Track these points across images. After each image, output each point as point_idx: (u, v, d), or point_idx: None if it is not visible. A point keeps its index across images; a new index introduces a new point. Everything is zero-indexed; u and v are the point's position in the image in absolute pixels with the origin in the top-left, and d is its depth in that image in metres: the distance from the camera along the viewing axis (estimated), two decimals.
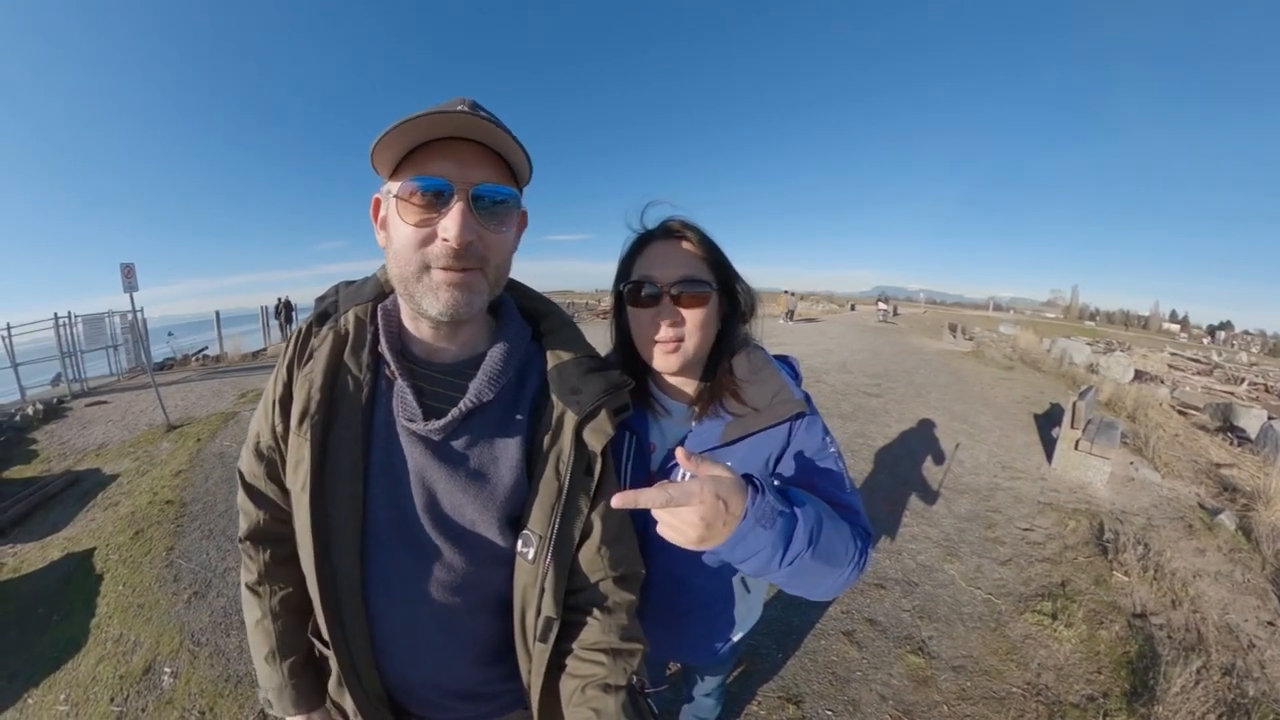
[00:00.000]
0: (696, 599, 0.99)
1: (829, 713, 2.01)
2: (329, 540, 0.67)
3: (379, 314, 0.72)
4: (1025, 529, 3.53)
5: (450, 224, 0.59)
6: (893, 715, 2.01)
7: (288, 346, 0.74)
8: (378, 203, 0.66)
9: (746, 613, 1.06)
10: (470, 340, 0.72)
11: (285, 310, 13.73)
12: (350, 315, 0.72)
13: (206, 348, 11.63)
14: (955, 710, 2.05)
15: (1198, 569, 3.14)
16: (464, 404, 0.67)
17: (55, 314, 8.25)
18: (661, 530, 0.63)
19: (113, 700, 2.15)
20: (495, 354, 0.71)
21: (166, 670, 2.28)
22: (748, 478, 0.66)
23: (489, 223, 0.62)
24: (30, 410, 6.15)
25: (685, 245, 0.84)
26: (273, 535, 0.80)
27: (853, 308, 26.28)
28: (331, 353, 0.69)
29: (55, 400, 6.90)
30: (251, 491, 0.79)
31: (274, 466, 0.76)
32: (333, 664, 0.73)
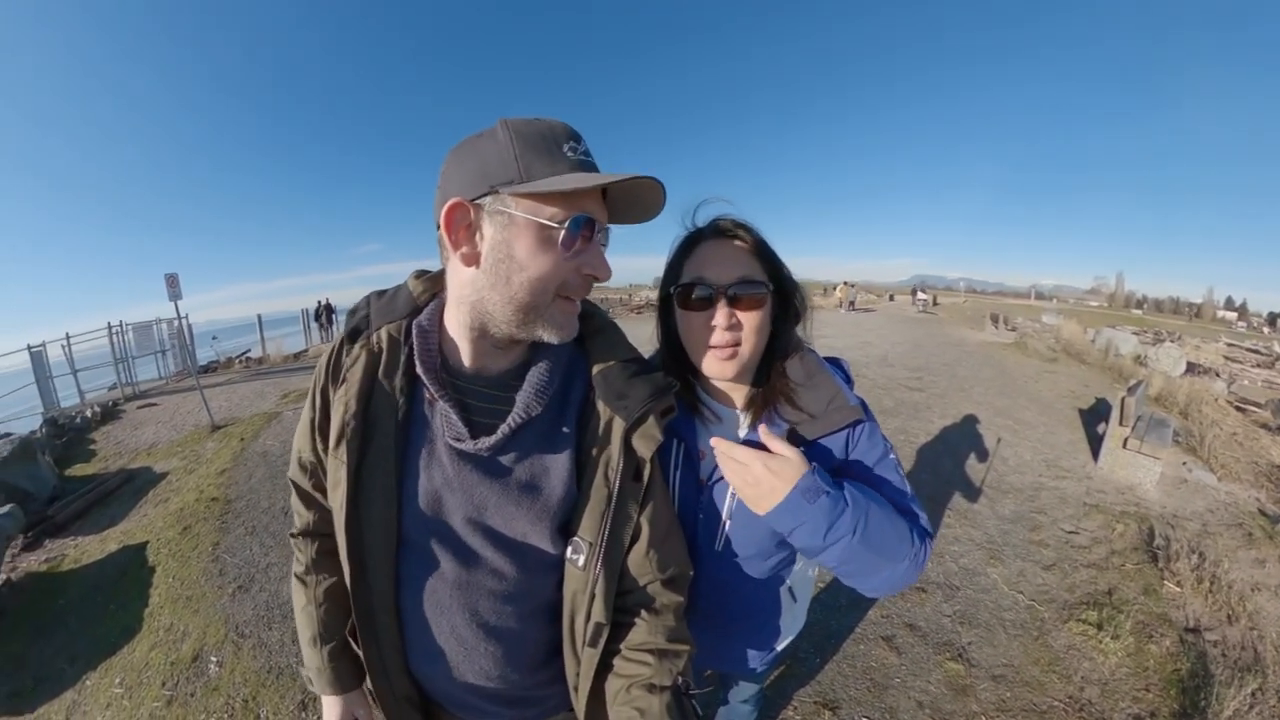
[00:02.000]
0: (744, 608, 0.98)
1: (866, 719, 1.96)
2: (364, 559, 0.69)
3: (414, 331, 0.70)
4: (1070, 531, 3.37)
5: (602, 262, 0.63)
6: None
7: (322, 366, 0.74)
8: (461, 208, 0.59)
9: (792, 622, 1.05)
10: (519, 351, 0.72)
11: (326, 312, 14.25)
12: (383, 333, 0.71)
13: (249, 350, 12.12)
14: None
15: (1257, 581, 2.92)
16: (513, 419, 0.67)
17: (108, 323, 8.81)
18: (726, 475, 0.76)
19: (163, 685, 2.27)
20: (541, 365, 0.70)
21: (213, 659, 2.39)
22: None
23: None
24: (89, 413, 6.55)
25: (739, 245, 0.81)
26: (321, 532, 0.84)
27: (891, 298, 25.61)
28: (365, 374, 0.69)
29: (111, 403, 7.33)
30: (302, 496, 0.84)
31: (318, 478, 0.79)
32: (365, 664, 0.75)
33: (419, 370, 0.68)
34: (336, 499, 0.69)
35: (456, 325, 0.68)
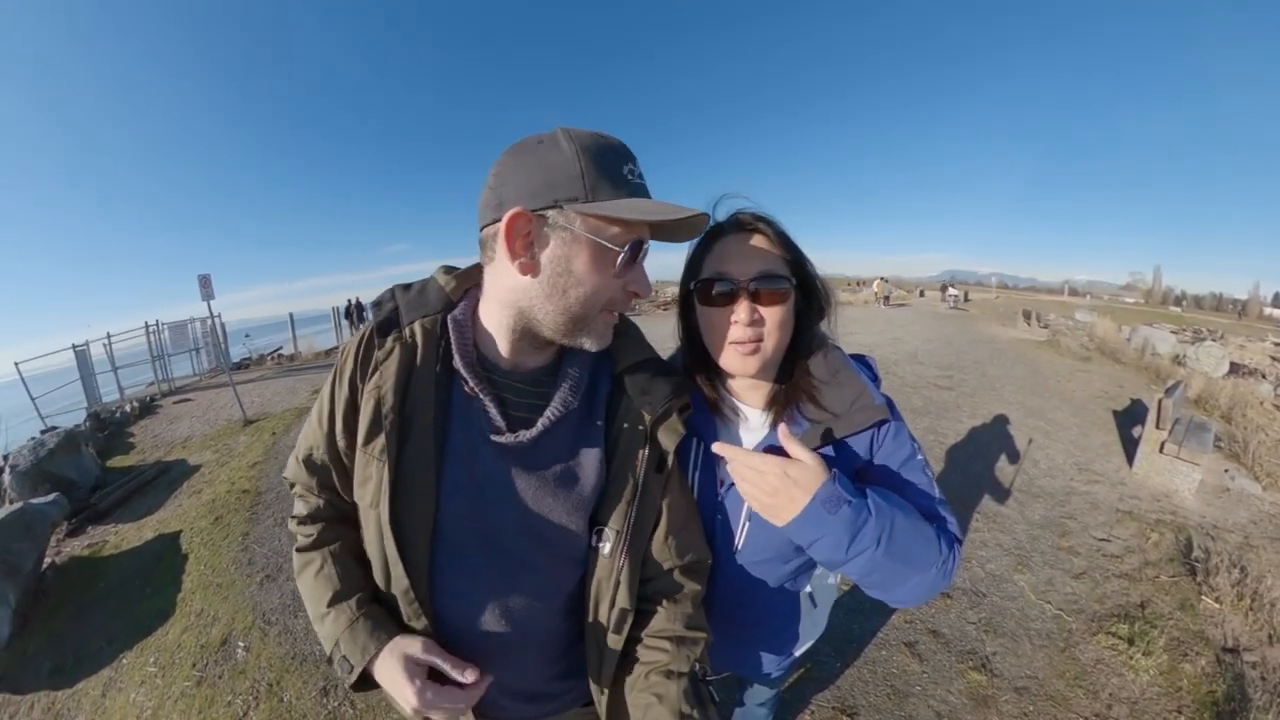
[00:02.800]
0: (763, 613, 0.96)
1: None
2: (403, 556, 0.66)
3: (450, 326, 0.71)
4: (1102, 539, 3.24)
5: (645, 281, 0.67)
6: None
7: (348, 358, 0.71)
8: (525, 220, 0.59)
9: (811, 628, 1.03)
10: (554, 349, 0.74)
11: (357, 311, 14.58)
12: (417, 327, 0.70)
13: (281, 347, 12.50)
14: None
15: None
16: (551, 413, 0.69)
17: (145, 323, 9.24)
18: (739, 487, 0.72)
19: (194, 666, 2.37)
20: (574, 363, 0.73)
21: (240, 644, 2.48)
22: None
23: None
24: (128, 407, 6.88)
25: (760, 239, 0.78)
26: (327, 516, 0.78)
27: (921, 294, 25.01)
28: (400, 367, 0.67)
29: (148, 399, 7.66)
30: (304, 497, 0.79)
31: (327, 476, 0.75)
32: None
33: (457, 364, 0.69)
34: (368, 493, 0.67)
35: (496, 324, 0.69)
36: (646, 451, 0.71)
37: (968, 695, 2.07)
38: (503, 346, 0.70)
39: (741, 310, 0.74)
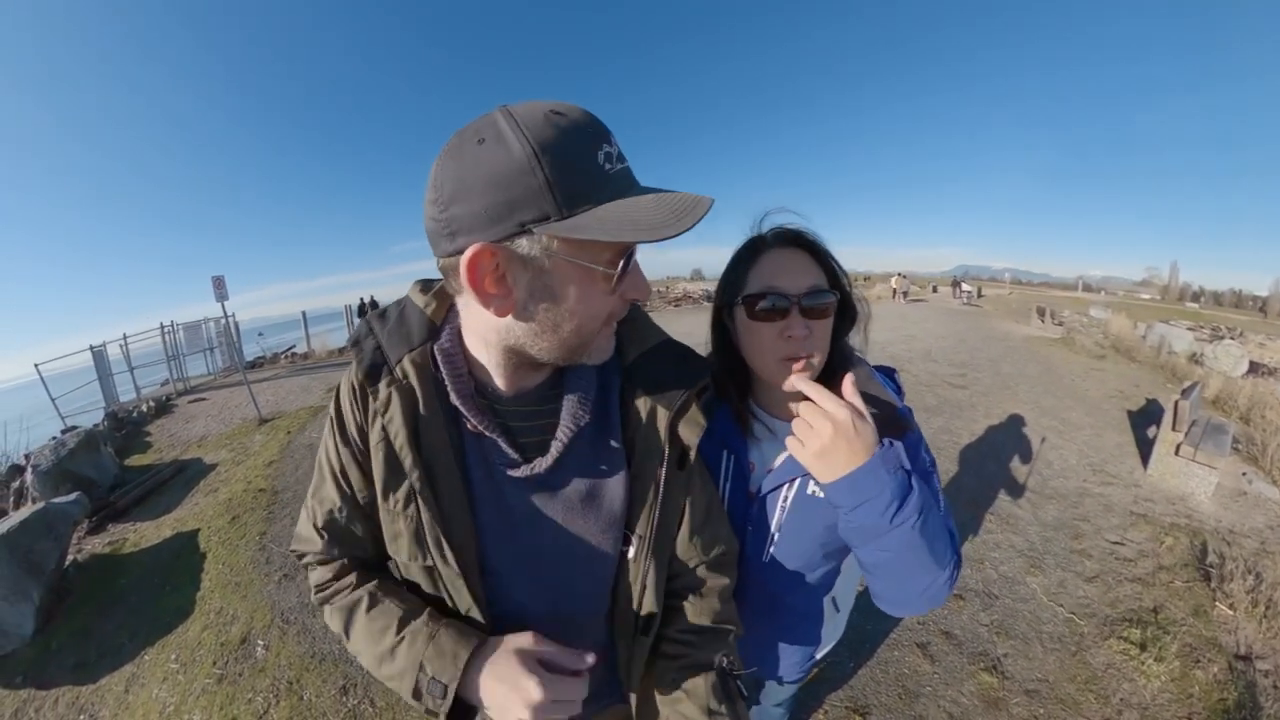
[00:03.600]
0: (788, 618, 0.99)
1: None
2: (467, 584, 0.65)
3: (439, 358, 0.63)
4: (1115, 542, 3.21)
5: (644, 284, 0.58)
6: None
7: (345, 414, 0.66)
8: (489, 257, 0.49)
9: (832, 631, 1.05)
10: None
11: (371, 308, 14.58)
12: (407, 364, 0.63)
13: (294, 346, 12.64)
14: None
15: None
16: (562, 434, 0.64)
17: (160, 323, 9.40)
18: (795, 428, 0.69)
19: (214, 664, 2.42)
20: (579, 373, 0.67)
21: (260, 642, 2.53)
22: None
23: None
24: (145, 407, 7.01)
25: (806, 255, 0.80)
26: (354, 569, 0.73)
27: (934, 289, 24.87)
28: (404, 412, 0.61)
29: (164, 398, 7.80)
30: (322, 564, 0.73)
31: (352, 536, 0.70)
32: None
33: (455, 402, 0.62)
34: (402, 548, 0.64)
35: (486, 357, 0.62)
36: (667, 450, 0.66)
37: (979, 697, 2.07)
38: (498, 376, 0.64)
39: (795, 325, 0.75)
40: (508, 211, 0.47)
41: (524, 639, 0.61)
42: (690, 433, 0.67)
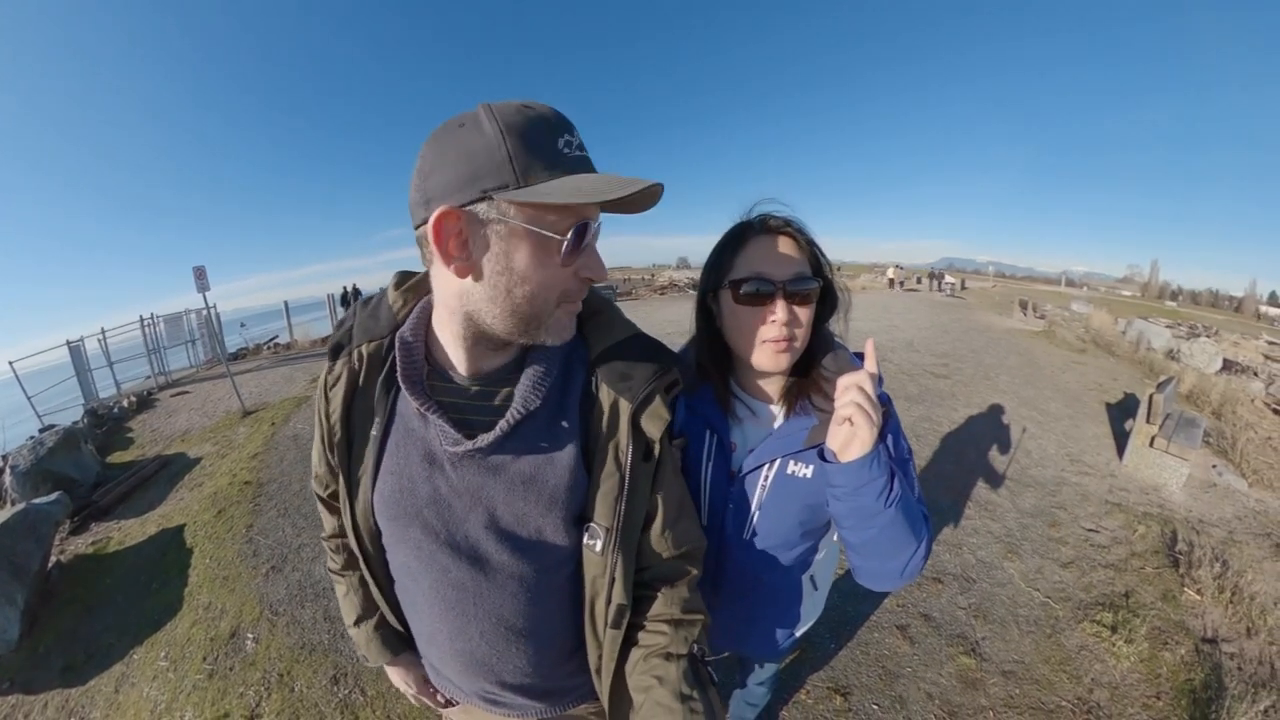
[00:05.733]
0: (768, 595, 1.01)
1: (875, 707, 2.00)
2: (373, 571, 0.78)
3: (398, 345, 0.69)
4: (1090, 530, 3.32)
5: (598, 263, 0.61)
6: (938, 716, 1.97)
7: (319, 383, 0.76)
8: (454, 219, 0.54)
9: (811, 609, 1.08)
10: (516, 346, 0.69)
11: (354, 297, 14.39)
12: (363, 349, 0.71)
13: (277, 336, 12.42)
14: (1001, 718, 1.98)
15: None
16: (511, 415, 0.66)
17: (140, 316, 9.20)
18: (843, 405, 0.71)
19: (204, 659, 2.41)
20: (538, 357, 0.68)
21: (249, 636, 2.52)
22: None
23: None
24: (125, 402, 6.86)
25: (791, 242, 0.83)
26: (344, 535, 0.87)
27: (919, 281, 25.43)
28: (345, 390, 0.71)
29: (145, 393, 7.64)
30: (324, 505, 0.89)
31: (333, 489, 0.83)
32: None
33: (401, 384, 0.67)
34: (345, 515, 0.76)
35: (449, 333, 0.66)
36: (630, 442, 0.67)
37: (957, 678, 2.14)
38: (458, 355, 0.67)
39: (779, 310, 0.78)
40: (473, 180, 0.53)
41: (397, 676, 0.96)
42: (653, 426, 0.68)
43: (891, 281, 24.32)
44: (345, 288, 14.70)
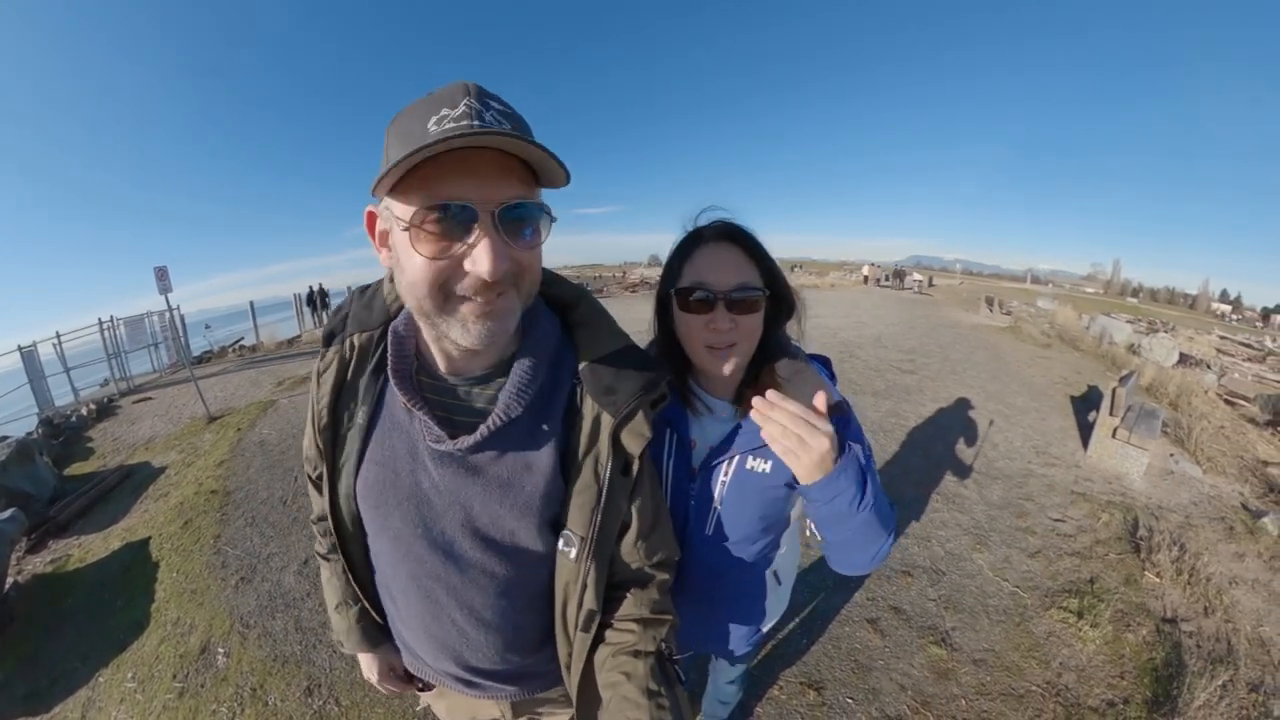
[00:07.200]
0: (731, 592, 1.03)
1: (849, 700, 2.04)
2: (351, 558, 0.79)
3: (390, 338, 0.69)
4: (1057, 519, 3.45)
5: (481, 256, 0.52)
6: (911, 706, 2.02)
7: (314, 370, 0.77)
8: (373, 217, 0.59)
9: (776, 605, 1.10)
10: (500, 347, 0.67)
11: (320, 297, 14.03)
12: (356, 339, 0.72)
13: (242, 338, 12.04)
14: (973, 705, 2.05)
15: (1235, 575, 2.99)
16: (493, 420, 0.65)
17: (99, 319, 8.76)
18: (783, 439, 0.72)
19: (174, 678, 2.32)
20: (525, 362, 0.67)
21: (220, 650, 2.44)
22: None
23: (519, 242, 0.56)
24: (84, 410, 6.54)
25: (738, 251, 0.85)
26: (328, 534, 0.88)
27: (887, 277, 26.08)
28: (335, 379, 0.72)
29: (105, 399, 7.30)
30: (315, 486, 0.89)
31: (321, 478, 0.83)
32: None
33: (390, 378, 0.67)
34: (326, 501, 0.77)
35: (425, 331, 0.67)
36: (610, 455, 0.67)
37: (928, 668, 2.20)
38: (440, 351, 0.67)
39: (719, 318, 0.81)
40: (376, 179, 0.52)
41: (372, 672, 0.97)
42: (633, 442, 0.69)
43: (867, 278, 25.59)
44: (311, 287, 14.30)
